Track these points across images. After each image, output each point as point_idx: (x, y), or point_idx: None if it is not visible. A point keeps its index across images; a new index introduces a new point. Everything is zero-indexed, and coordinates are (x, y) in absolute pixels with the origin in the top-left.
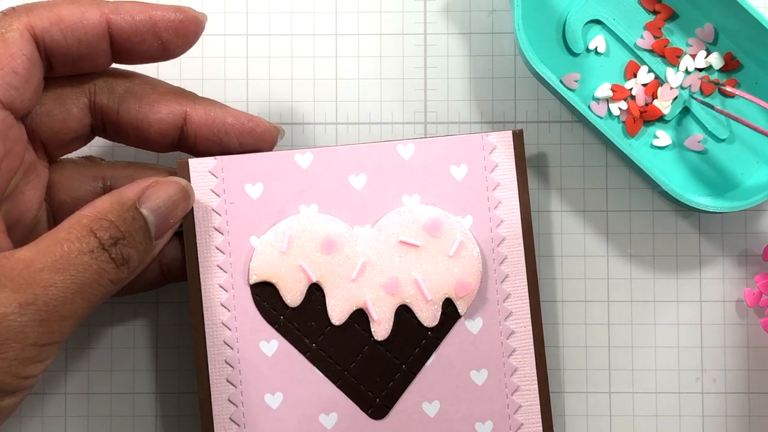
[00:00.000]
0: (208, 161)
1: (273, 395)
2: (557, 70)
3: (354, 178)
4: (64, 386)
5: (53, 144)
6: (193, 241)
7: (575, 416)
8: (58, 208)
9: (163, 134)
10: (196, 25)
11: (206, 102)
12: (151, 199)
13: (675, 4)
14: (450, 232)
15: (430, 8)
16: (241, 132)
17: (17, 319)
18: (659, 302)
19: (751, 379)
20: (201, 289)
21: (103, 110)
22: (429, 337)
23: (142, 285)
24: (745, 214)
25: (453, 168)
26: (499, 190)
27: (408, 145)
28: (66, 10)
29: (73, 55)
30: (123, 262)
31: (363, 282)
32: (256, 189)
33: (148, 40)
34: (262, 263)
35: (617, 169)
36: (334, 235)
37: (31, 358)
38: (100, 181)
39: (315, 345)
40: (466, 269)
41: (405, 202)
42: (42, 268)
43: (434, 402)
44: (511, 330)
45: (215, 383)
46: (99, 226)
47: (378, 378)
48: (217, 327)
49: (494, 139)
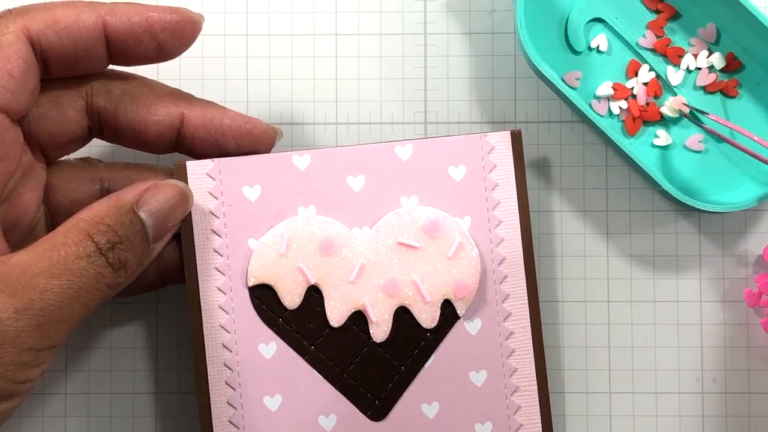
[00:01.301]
0: (206, 163)
1: (272, 398)
2: (559, 68)
3: (352, 179)
4: (64, 386)
5: (50, 146)
6: (191, 243)
7: (575, 416)
8: (55, 210)
9: (160, 136)
10: (193, 26)
11: (204, 104)
12: (149, 203)
13: (677, 4)
14: (449, 233)
15: (430, 8)
16: (238, 134)
17: (13, 324)
18: (659, 302)
19: (751, 379)
20: (199, 291)
21: (100, 112)
22: (428, 339)
23: (140, 287)
24: (745, 214)
25: (451, 169)
26: (498, 191)
27: (406, 146)
28: (61, 12)
29: (69, 57)
30: (120, 266)
31: (362, 284)
32: (254, 191)
33: (144, 41)
34: (260, 266)
35: (617, 169)
36: (333, 236)
37: (27, 362)
38: (98, 183)
39: (314, 347)
40: (465, 270)
41: (403, 203)
42: (39, 272)
43: (433, 403)
44: (510, 331)
45: (214, 386)
46: (96, 230)
47: (377, 379)
48: (215, 330)
49: (493, 139)
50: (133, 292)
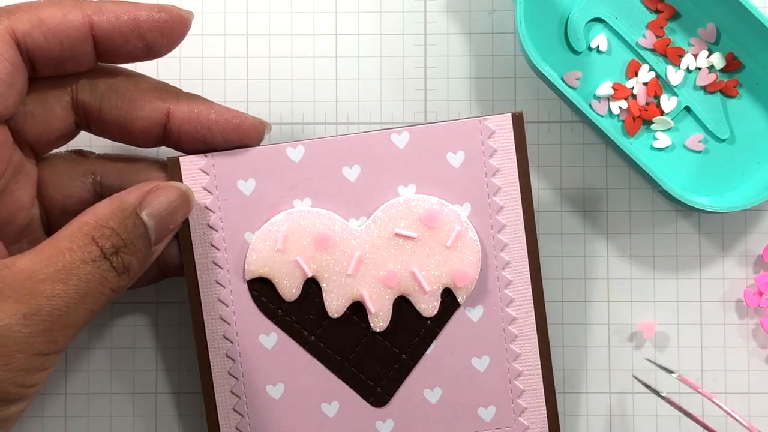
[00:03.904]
0: (199, 159)
1: (275, 386)
2: (559, 68)
3: (347, 169)
4: (64, 386)
5: (39, 143)
6: (188, 238)
7: (575, 416)
8: (49, 205)
9: (147, 131)
10: (182, 24)
11: (190, 98)
12: (151, 205)
13: (677, 4)
14: (447, 222)
15: (430, 8)
16: (225, 128)
17: (21, 330)
18: (659, 302)
19: (751, 379)
20: (198, 285)
21: (85, 108)
22: (428, 327)
23: (140, 281)
24: (745, 214)
25: (450, 155)
26: (499, 176)
27: (402, 133)
28: (47, 12)
29: (55, 57)
30: (124, 270)
31: (360, 276)
32: (248, 185)
33: (131, 40)
34: (257, 260)
35: (617, 169)
36: (329, 229)
37: (35, 367)
38: (90, 176)
39: (314, 337)
40: (465, 259)
41: (401, 192)
42: (44, 278)
43: (435, 389)
44: (513, 316)
45: (217, 376)
46: (101, 234)
47: (378, 367)
48: (216, 322)
49: (493, 123)
50: (132, 286)
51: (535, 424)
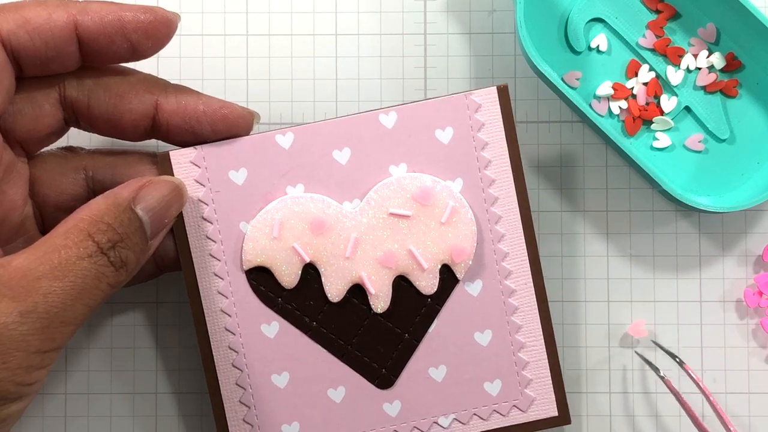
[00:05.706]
0: (189, 152)
1: (279, 375)
2: (559, 68)
3: (338, 153)
4: (64, 386)
5: (29, 141)
6: (183, 231)
7: (575, 416)
8: (42, 202)
9: (135, 124)
10: (167, 26)
11: (178, 90)
12: (145, 199)
13: (677, 4)
14: (440, 198)
15: (430, 8)
16: (213, 119)
17: (18, 328)
18: (659, 302)
19: (751, 379)
20: (197, 278)
21: (73, 104)
22: (429, 305)
23: (138, 277)
24: (745, 214)
25: (438, 132)
26: (488, 150)
27: (390, 113)
28: (32, 12)
29: (41, 57)
30: (122, 264)
31: (357, 258)
32: (240, 175)
33: (116, 41)
34: (254, 249)
35: (617, 169)
36: (324, 213)
37: (34, 365)
38: (82, 172)
39: (315, 323)
40: (461, 234)
41: (392, 172)
42: (41, 275)
43: (440, 367)
44: (512, 289)
45: (221, 369)
46: (96, 229)
47: (382, 349)
48: (216, 314)
49: (478, 97)
50: (130, 282)
51: (542, 395)
